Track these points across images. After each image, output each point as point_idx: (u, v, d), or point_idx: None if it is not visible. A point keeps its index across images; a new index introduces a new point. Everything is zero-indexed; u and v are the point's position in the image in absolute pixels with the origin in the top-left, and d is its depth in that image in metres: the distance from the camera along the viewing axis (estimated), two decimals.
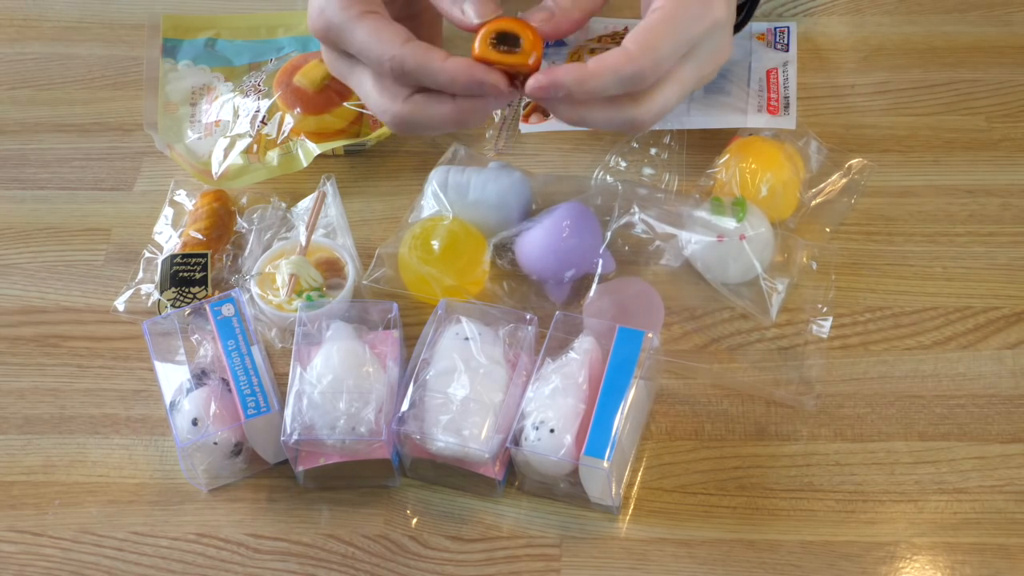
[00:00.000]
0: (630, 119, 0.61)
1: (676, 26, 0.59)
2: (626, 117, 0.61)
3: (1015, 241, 0.82)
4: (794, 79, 0.88)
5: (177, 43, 0.96)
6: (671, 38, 0.59)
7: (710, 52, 0.62)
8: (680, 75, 0.61)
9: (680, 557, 0.69)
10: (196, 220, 0.83)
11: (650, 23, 0.60)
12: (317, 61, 0.87)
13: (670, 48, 0.59)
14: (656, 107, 0.61)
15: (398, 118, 0.62)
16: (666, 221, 0.79)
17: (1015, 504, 0.70)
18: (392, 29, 0.60)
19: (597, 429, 0.67)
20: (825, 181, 0.84)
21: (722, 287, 0.79)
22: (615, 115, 0.61)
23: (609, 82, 0.59)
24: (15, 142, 0.93)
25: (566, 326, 0.72)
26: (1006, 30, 0.96)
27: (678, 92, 0.61)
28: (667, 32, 0.59)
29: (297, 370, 0.70)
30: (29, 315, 0.82)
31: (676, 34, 0.59)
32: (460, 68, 0.59)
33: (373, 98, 0.63)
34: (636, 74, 0.58)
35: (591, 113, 0.61)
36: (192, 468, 0.71)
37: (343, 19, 0.61)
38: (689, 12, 0.60)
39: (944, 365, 0.76)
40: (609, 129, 0.63)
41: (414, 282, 0.79)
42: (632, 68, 0.58)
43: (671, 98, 0.61)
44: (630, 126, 0.62)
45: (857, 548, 0.69)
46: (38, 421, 0.76)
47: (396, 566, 0.69)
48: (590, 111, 0.61)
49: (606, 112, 0.61)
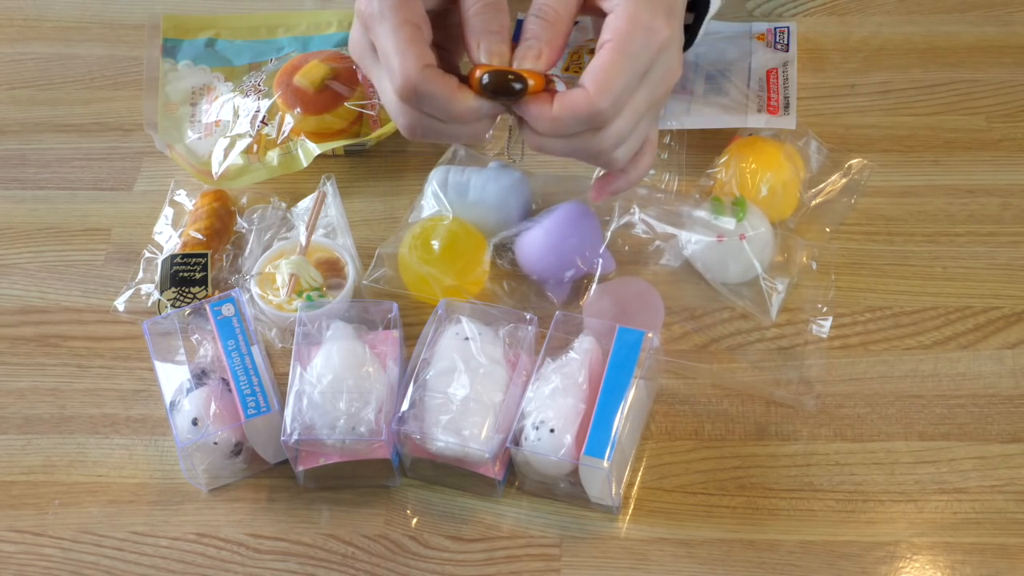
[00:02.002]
0: (587, 148, 0.64)
1: (626, 60, 0.62)
2: (584, 147, 0.64)
3: (1015, 241, 0.82)
4: (794, 79, 0.88)
5: (177, 43, 0.96)
6: (623, 72, 0.62)
7: (660, 75, 0.65)
8: (633, 103, 0.64)
9: (680, 557, 0.69)
10: (196, 220, 0.83)
11: (603, 61, 0.62)
12: (317, 61, 0.87)
13: (623, 83, 0.62)
14: (612, 136, 0.64)
15: (409, 125, 0.65)
16: (666, 221, 0.79)
17: (1015, 504, 0.70)
18: (420, 48, 0.63)
19: (597, 429, 0.67)
20: (825, 181, 0.84)
21: (722, 287, 0.79)
22: (575, 146, 0.64)
23: (571, 125, 0.63)
24: (15, 142, 0.93)
25: (566, 326, 0.72)
26: (1006, 30, 0.96)
27: (632, 119, 0.64)
28: (619, 67, 0.62)
29: (297, 370, 0.70)
30: (29, 315, 0.82)
31: (628, 67, 0.62)
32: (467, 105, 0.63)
33: (389, 98, 0.65)
34: (596, 114, 0.62)
35: (553, 144, 0.65)
36: (192, 468, 0.71)
37: (386, 15, 0.63)
38: (636, 42, 0.62)
39: (944, 365, 0.76)
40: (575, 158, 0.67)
41: (414, 282, 0.79)
42: (591, 110, 0.62)
43: (626, 125, 0.64)
44: (589, 156, 0.65)
45: (857, 548, 0.69)
46: (38, 421, 0.76)
47: (396, 566, 0.69)
48: (552, 143, 0.64)
49: (567, 144, 0.64)
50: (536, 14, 0.64)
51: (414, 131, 0.65)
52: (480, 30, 0.63)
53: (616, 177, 0.70)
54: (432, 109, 0.63)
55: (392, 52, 0.63)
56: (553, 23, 0.64)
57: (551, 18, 0.64)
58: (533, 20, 0.64)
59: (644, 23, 0.62)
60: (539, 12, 0.64)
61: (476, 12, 0.63)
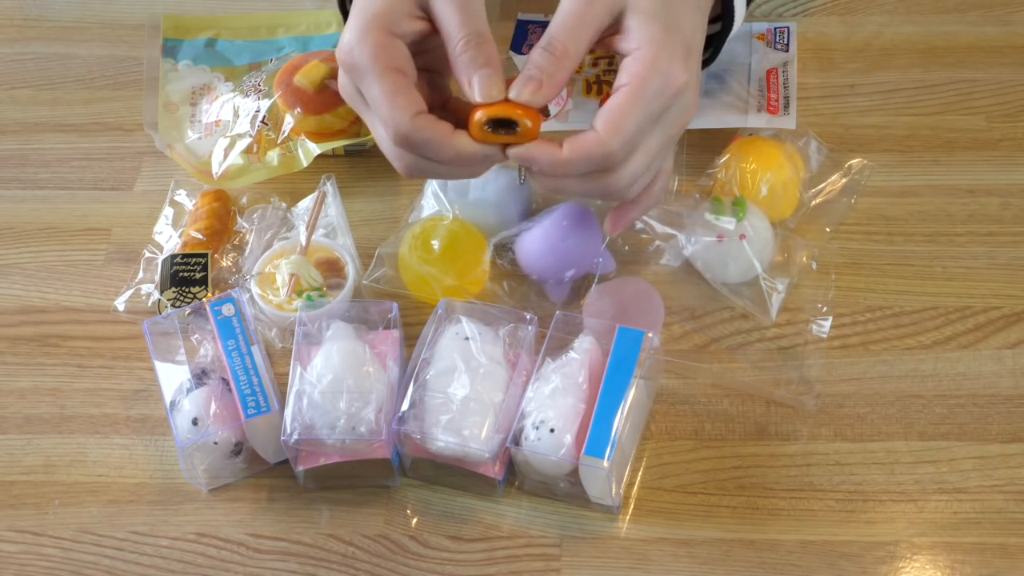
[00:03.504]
0: (602, 188, 0.65)
1: (640, 104, 0.62)
2: (598, 187, 0.65)
3: (1015, 241, 0.82)
4: (794, 79, 0.88)
5: (177, 43, 0.96)
6: (636, 117, 0.62)
7: (676, 116, 0.65)
8: (647, 144, 0.64)
9: (680, 557, 0.69)
10: (196, 220, 0.83)
11: (617, 103, 0.62)
12: (317, 61, 0.87)
13: (636, 126, 0.62)
14: (627, 176, 0.65)
15: (407, 167, 0.66)
16: (666, 221, 0.79)
17: (1015, 504, 0.70)
18: (407, 98, 0.63)
19: (597, 429, 0.67)
20: (825, 181, 0.84)
21: (722, 287, 0.79)
22: (589, 186, 0.65)
23: (581, 167, 0.63)
24: (15, 142, 0.93)
25: (566, 326, 0.72)
26: (1006, 30, 0.96)
27: (646, 160, 0.65)
28: (633, 111, 0.62)
29: (297, 370, 0.70)
30: (29, 315, 0.82)
31: (641, 112, 0.62)
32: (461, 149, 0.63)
33: (384, 142, 0.66)
34: (607, 157, 0.62)
35: (567, 184, 0.65)
36: (192, 468, 0.71)
37: (367, 68, 0.64)
38: (652, 87, 0.62)
39: (944, 365, 0.76)
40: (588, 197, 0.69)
41: (414, 282, 0.79)
42: (602, 151, 0.62)
43: (640, 165, 0.65)
44: (604, 195, 0.66)
45: (857, 548, 0.69)
46: (38, 421, 0.76)
47: (396, 566, 0.69)
48: (566, 183, 0.65)
49: (581, 184, 0.65)
50: (544, 46, 0.63)
51: (411, 173, 0.66)
52: (470, 67, 0.63)
53: (630, 209, 0.71)
54: (429, 154, 0.64)
55: (381, 103, 0.63)
56: (560, 58, 0.63)
57: (558, 53, 0.63)
58: (540, 52, 0.63)
59: (663, 69, 0.62)
60: (548, 45, 0.63)
61: (462, 50, 0.63)
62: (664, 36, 0.63)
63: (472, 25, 0.63)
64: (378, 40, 0.63)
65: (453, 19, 0.63)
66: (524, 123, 0.62)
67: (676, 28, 0.64)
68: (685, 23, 0.65)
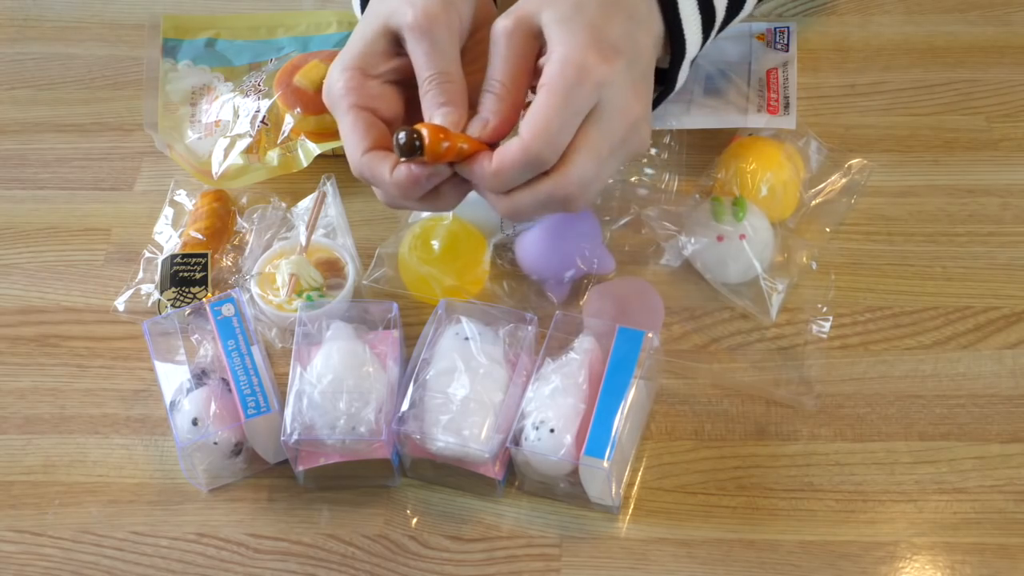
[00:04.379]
0: (551, 194, 0.65)
1: (557, 100, 0.63)
2: (548, 193, 0.65)
3: (1015, 241, 0.82)
4: (794, 79, 0.88)
5: (177, 43, 0.96)
6: (557, 113, 0.63)
7: (614, 112, 0.65)
8: (588, 142, 0.64)
9: (680, 557, 0.69)
10: (196, 220, 0.83)
11: (536, 105, 0.63)
12: (317, 61, 0.87)
13: (559, 122, 0.63)
14: (575, 177, 0.64)
15: (382, 199, 0.69)
16: (666, 221, 0.79)
17: (1015, 504, 0.70)
18: (358, 135, 0.67)
19: (597, 429, 0.67)
20: (825, 181, 0.84)
21: (722, 287, 0.79)
22: (539, 194, 0.65)
23: (513, 175, 0.64)
24: (15, 142, 0.93)
25: (566, 326, 0.72)
26: (1006, 30, 0.96)
27: (593, 158, 0.65)
28: (551, 108, 0.63)
29: (297, 370, 0.70)
30: (29, 315, 0.82)
31: (560, 108, 0.63)
32: (399, 180, 0.65)
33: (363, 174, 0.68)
34: (533, 158, 0.63)
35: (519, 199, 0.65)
36: (192, 468, 0.71)
37: (336, 103, 0.68)
38: (567, 81, 0.63)
39: (944, 365, 0.76)
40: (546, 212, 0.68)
41: (414, 282, 0.79)
42: (526, 157, 0.63)
43: (587, 165, 0.65)
44: (561, 204, 0.66)
45: (857, 548, 0.69)
46: (38, 421, 0.76)
47: (396, 566, 0.69)
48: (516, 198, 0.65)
49: (531, 194, 0.65)
50: (487, 89, 0.66)
51: (389, 204, 0.69)
52: (431, 106, 0.66)
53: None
54: (378, 186, 0.67)
55: (344, 138, 0.67)
56: (502, 97, 0.66)
57: (500, 93, 0.66)
58: (485, 95, 0.66)
59: (575, 61, 0.63)
60: (489, 87, 0.66)
61: (425, 90, 0.66)
62: (572, 35, 0.64)
63: (438, 65, 0.66)
64: (351, 79, 0.67)
65: (420, 59, 0.67)
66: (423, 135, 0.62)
67: (589, 26, 0.65)
68: (602, 23, 0.66)
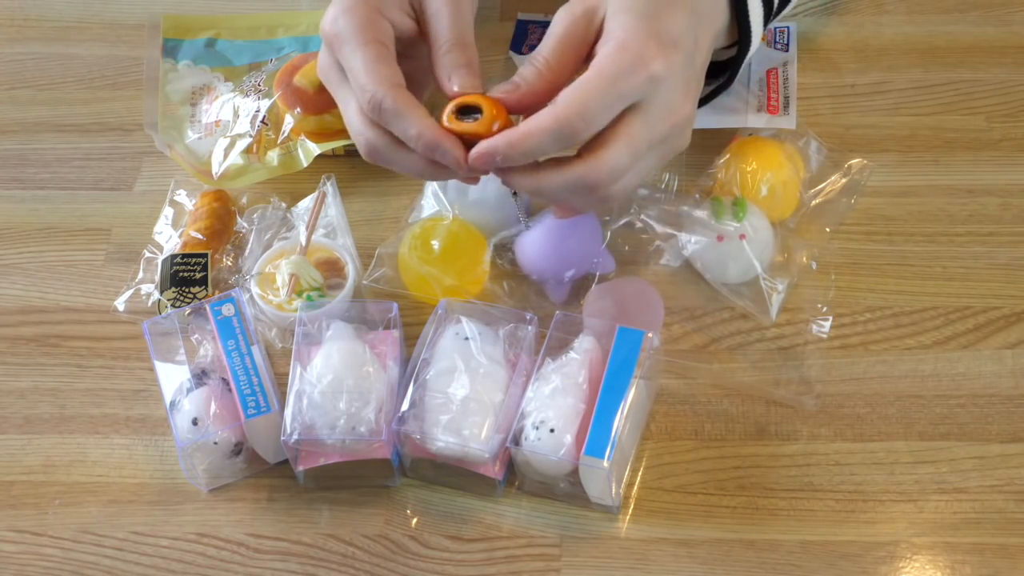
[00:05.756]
0: (580, 178, 0.63)
1: (604, 79, 0.61)
2: (577, 176, 0.63)
3: (1015, 241, 0.82)
4: (794, 79, 0.88)
5: (177, 43, 0.96)
6: (599, 91, 0.61)
7: (661, 109, 0.64)
8: (628, 131, 0.63)
9: (680, 557, 0.69)
10: (196, 220, 0.83)
11: (580, 79, 0.62)
12: (317, 61, 0.87)
13: (599, 100, 0.61)
14: (607, 165, 0.63)
15: (370, 145, 0.66)
16: (666, 221, 0.79)
17: (1015, 504, 0.70)
18: (389, 68, 0.64)
19: (597, 429, 0.67)
20: (825, 181, 0.84)
21: (722, 287, 0.79)
22: (567, 176, 0.63)
23: (541, 141, 0.61)
24: (15, 142, 0.93)
25: (566, 326, 0.72)
26: (1006, 30, 0.96)
27: (629, 149, 0.63)
28: (595, 85, 0.61)
29: (297, 370, 0.70)
30: (29, 315, 0.82)
31: (605, 87, 0.61)
32: (427, 127, 0.62)
33: (352, 118, 0.66)
34: (565, 127, 0.61)
35: (545, 178, 0.64)
36: (192, 468, 0.71)
37: (351, 36, 0.64)
38: (617, 66, 0.62)
39: (944, 365, 0.76)
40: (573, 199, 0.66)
41: (414, 282, 0.79)
42: (559, 123, 0.61)
43: (622, 155, 0.63)
44: (589, 191, 0.64)
45: (857, 548, 0.69)
46: (38, 421, 0.76)
47: (396, 566, 0.69)
48: (542, 177, 0.64)
49: (558, 174, 0.63)
50: (529, 61, 0.65)
51: (372, 153, 0.66)
52: (450, 66, 0.65)
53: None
54: (396, 128, 0.64)
55: (360, 70, 0.64)
56: (541, 72, 0.65)
57: (540, 67, 0.65)
58: (526, 66, 0.65)
59: (632, 49, 0.62)
60: (533, 60, 0.65)
61: (447, 50, 0.65)
62: (635, 22, 0.63)
63: (460, 30, 0.65)
64: (365, 14, 0.65)
65: (444, 21, 0.65)
66: (489, 111, 0.62)
67: (652, 17, 0.64)
68: (666, 15, 0.65)
